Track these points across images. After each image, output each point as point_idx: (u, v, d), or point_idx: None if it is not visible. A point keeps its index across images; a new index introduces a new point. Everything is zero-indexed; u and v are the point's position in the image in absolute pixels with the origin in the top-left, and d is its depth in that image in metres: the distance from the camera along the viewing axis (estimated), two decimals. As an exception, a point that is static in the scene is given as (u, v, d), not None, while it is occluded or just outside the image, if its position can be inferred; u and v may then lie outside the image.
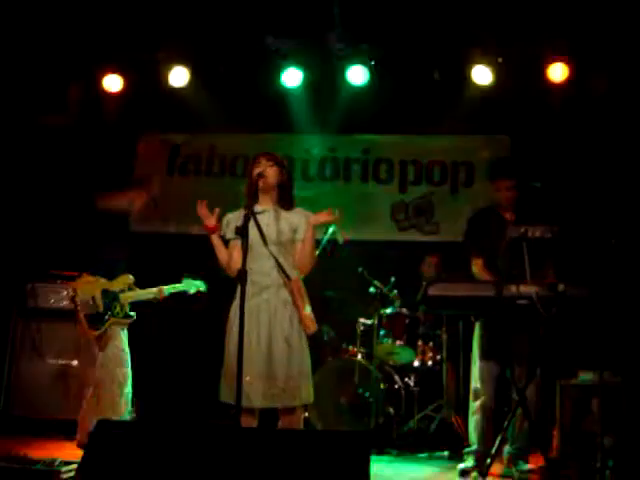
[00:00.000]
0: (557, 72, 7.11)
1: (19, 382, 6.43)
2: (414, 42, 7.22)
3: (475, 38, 7.10)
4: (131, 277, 5.57)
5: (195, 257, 5.62)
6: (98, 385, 5.36)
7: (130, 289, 5.53)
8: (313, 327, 4.44)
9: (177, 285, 5.59)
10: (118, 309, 5.43)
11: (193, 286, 5.61)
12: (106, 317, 5.39)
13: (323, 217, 4.49)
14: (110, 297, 5.43)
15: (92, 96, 7.76)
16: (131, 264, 5.68)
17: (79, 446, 5.23)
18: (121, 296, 5.46)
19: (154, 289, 5.56)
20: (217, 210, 4.47)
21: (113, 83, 7.62)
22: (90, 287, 5.43)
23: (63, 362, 6.43)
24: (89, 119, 7.82)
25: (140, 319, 5.57)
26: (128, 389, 5.42)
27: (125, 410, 5.37)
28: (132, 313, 5.52)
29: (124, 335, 5.51)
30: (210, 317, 6.15)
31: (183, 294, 5.62)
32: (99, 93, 7.69)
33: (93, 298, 5.39)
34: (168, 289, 5.56)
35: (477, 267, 5.23)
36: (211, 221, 4.44)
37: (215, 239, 4.48)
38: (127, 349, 5.50)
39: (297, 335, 4.37)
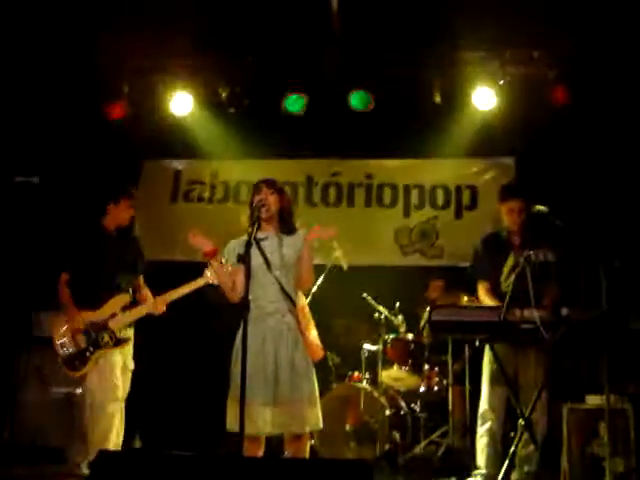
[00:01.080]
0: (558, 94, 7.15)
1: (24, 411, 6.40)
2: (416, 66, 7.26)
3: (477, 60, 7.14)
4: (127, 296, 5.39)
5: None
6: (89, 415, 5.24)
7: (127, 308, 5.35)
8: (319, 353, 4.43)
9: (180, 289, 5.37)
10: (107, 338, 5.24)
11: (202, 280, 5.31)
12: (88, 354, 5.20)
13: (317, 233, 4.46)
14: (95, 329, 5.25)
15: (96, 122, 7.80)
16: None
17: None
18: (110, 323, 5.27)
19: (150, 302, 5.44)
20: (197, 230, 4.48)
21: (116, 110, 7.66)
22: (73, 324, 5.26)
23: (67, 391, 6.37)
24: (92, 145, 7.85)
25: (145, 348, 5.52)
26: (117, 423, 5.26)
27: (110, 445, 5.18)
28: (127, 335, 5.36)
29: (116, 361, 5.29)
30: (216, 344, 6.11)
31: (196, 292, 5.38)
32: (102, 119, 7.74)
33: (72, 337, 5.23)
34: (169, 295, 5.37)
35: (482, 291, 5.26)
36: (208, 245, 4.42)
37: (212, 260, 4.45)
38: (116, 378, 5.28)
39: (303, 361, 4.35)
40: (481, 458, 5.18)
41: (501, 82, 7.23)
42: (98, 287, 5.34)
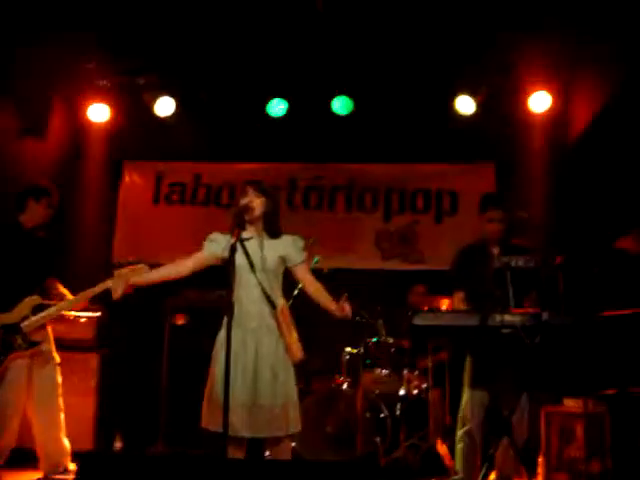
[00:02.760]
0: (539, 101, 7.24)
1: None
2: (398, 72, 7.31)
3: (459, 68, 7.20)
4: (37, 298, 5.20)
5: (183, 286, 5.52)
6: None
7: (39, 310, 5.17)
8: (300, 355, 4.45)
9: (103, 283, 5.00)
10: (20, 341, 5.08)
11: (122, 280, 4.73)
12: (2, 357, 5.04)
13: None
14: (7, 331, 5.08)
15: (77, 124, 7.78)
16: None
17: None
18: (24, 325, 5.10)
19: (68, 299, 5.30)
20: None
21: (98, 112, 7.66)
22: None
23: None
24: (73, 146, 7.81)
25: (122, 347, 5.41)
26: (14, 424, 5.14)
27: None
28: (42, 335, 5.19)
29: (22, 365, 5.14)
30: (193, 345, 6.10)
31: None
32: (83, 121, 7.72)
33: None
34: (90, 292, 5.12)
35: (457, 300, 5.32)
36: None
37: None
38: (19, 379, 5.15)
39: (283, 364, 4.37)
40: (459, 462, 5.20)
41: (482, 88, 7.30)
42: (8, 289, 5.16)
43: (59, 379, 5.40)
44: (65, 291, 5.48)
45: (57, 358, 5.43)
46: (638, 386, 4.78)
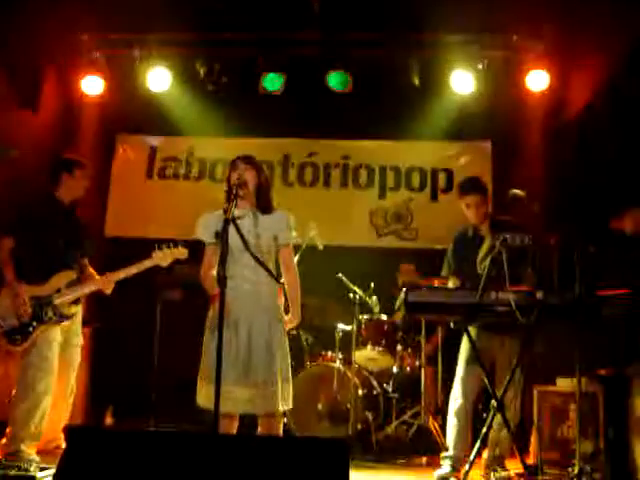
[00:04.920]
0: (537, 79, 7.19)
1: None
2: (393, 48, 7.25)
3: (456, 43, 7.15)
4: (73, 273, 5.18)
5: (176, 261, 5.45)
6: (16, 391, 5.05)
7: (72, 286, 5.15)
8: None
9: (127, 269, 5.17)
10: (50, 314, 5.03)
11: (166, 257, 5.14)
12: (30, 328, 4.98)
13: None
14: (39, 303, 5.03)
15: (70, 96, 7.70)
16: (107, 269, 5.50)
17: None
18: (55, 298, 5.07)
19: (96, 280, 5.27)
20: None
21: (91, 84, 7.58)
22: (16, 297, 4.99)
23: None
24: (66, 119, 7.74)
25: (114, 321, 5.36)
26: (46, 402, 5.04)
27: (40, 425, 5.01)
28: (73, 310, 5.17)
29: (54, 339, 5.08)
30: (188, 320, 6.06)
31: (157, 269, 5.18)
32: (77, 93, 7.64)
33: (15, 310, 4.96)
34: (117, 275, 5.18)
35: (451, 283, 5.33)
36: None
37: None
38: (53, 355, 5.07)
39: (277, 340, 4.34)
40: (450, 438, 5.21)
41: (480, 66, 7.24)
42: (45, 260, 5.13)
43: (78, 360, 5.37)
44: (92, 271, 5.45)
45: (81, 339, 5.42)
46: (631, 366, 4.79)
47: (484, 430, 4.71)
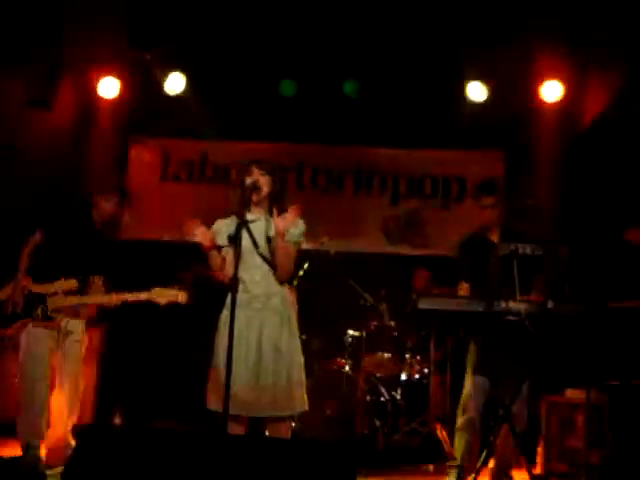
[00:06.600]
0: (551, 89, 7.19)
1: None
2: (409, 56, 7.27)
3: (471, 54, 7.16)
4: (74, 282, 5.22)
5: (188, 265, 5.48)
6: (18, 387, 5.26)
7: (71, 293, 5.21)
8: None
9: (135, 293, 5.20)
10: (39, 311, 5.15)
11: (164, 296, 5.15)
12: (17, 318, 5.15)
13: (285, 222, 4.33)
14: (34, 298, 5.17)
15: (86, 99, 7.75)
16: (120, 272, 5.48)
17: None
18: (49, 299, 5.17)
19: (101, 295, 5.32)
20: (197, 221, 4.38)
21: (108, 86, 7.62)
22: (15, 288, 5.18)
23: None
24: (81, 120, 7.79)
25: (124, 322, 5.38)
26: (41, 389, 5.15)
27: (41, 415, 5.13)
28: (54, 316, 5.19)
29: (42, 338, 5.18)
30: (198, 322, 6.08)
31: (151, 305, 5.18)
32: (93, 97, 7.69)
33: (11, 298, 5.14)
34: (124, 296, 5.21)
35: (462, 292, 5.30)
36: (206, 238, 4.35)
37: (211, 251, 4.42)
38: (36, 356, 5.17)
39: (287, 344, 4.33)
40: (458, 449, 5.20)
41: (493, 75, 7.26)
42: (56, 265, 5.24)
43: (78, 353, 5.38)
44: (102, 288, 5.41)
45: (84, 337, 5.45)
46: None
47: (491, 439, 4.70)
